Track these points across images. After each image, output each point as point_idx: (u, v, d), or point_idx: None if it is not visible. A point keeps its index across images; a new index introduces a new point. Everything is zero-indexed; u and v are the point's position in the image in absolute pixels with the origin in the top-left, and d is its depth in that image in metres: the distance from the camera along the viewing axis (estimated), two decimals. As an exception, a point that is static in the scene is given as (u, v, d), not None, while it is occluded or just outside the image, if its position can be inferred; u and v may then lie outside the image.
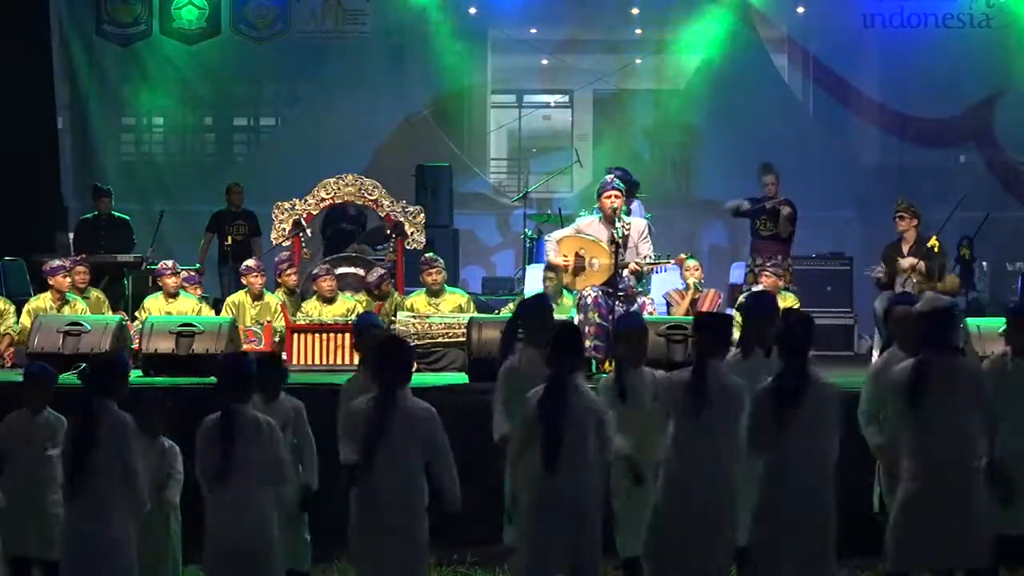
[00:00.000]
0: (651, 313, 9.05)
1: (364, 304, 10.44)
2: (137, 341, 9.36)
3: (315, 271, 10.63)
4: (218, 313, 10.66)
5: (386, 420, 5.83)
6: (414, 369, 6.22)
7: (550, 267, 9.70)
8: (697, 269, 10.50)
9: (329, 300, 10.39)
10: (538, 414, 5.98)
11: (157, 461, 6.58)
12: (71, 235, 13.14)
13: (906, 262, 10.49)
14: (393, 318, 10.22)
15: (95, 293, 10.91)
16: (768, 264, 10.52)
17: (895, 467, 6.17)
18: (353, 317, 10.02)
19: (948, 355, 5.98)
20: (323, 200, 10.97)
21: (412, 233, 10.87)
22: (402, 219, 10.89)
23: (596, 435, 6.01)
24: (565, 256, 9.16)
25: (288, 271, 10.82)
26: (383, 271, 10.83)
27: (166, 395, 6.88)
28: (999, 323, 8.96)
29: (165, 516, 6.63)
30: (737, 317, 9.69)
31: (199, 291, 11.16)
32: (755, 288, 10.45)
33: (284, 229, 10.90)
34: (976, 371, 6.17)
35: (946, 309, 6.09)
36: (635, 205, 11.53)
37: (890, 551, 6.01)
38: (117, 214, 12.83)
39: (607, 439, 6.07)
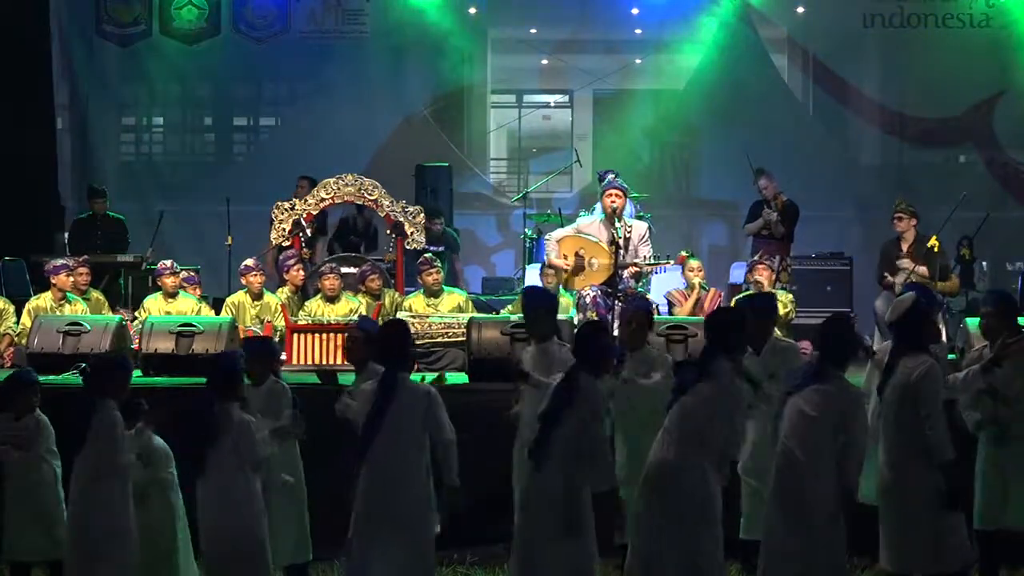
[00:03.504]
0: (650, 313, 9.02)
1: (366, 305, 10.45)
2: (137, 341, 9.36)
3: (320, 270, 10.64)
4: (218, 313, 10.67)
5: (390, 401, 5.86)
6: (415, 367, 6.27)
7: (550, 265, 9.72)
8: (700, 269, 10.51)
9: (332, 299, 10.40)
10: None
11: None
12: (66, 235, 13.15)
13: (904, 262, 10.50)
14: (391, 317, 10.23)
15: (95, 294, 10.91)
16: (764, 258, 10.53)
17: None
18: (355, 317, 10.05)
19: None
20: (323, 200, 10.97)
21: (412, 233, 10.87)
22: (402, 219, 10.89)
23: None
24: (565, 256, 9.17)
25: (295, 267, 10.83)
26: (367, 267, 10.85)
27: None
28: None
29: (167, 503, 6.63)
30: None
31: (198, 291, 11.16)
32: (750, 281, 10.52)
33: (284, 229, 10.90)
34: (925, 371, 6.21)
35: (912, 306, 6.23)
36: (628, 204, 11.50)
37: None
38: (112, 214, 12.82)
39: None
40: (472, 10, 15.22)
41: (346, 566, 6.11)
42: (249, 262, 10.84)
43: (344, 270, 10.95)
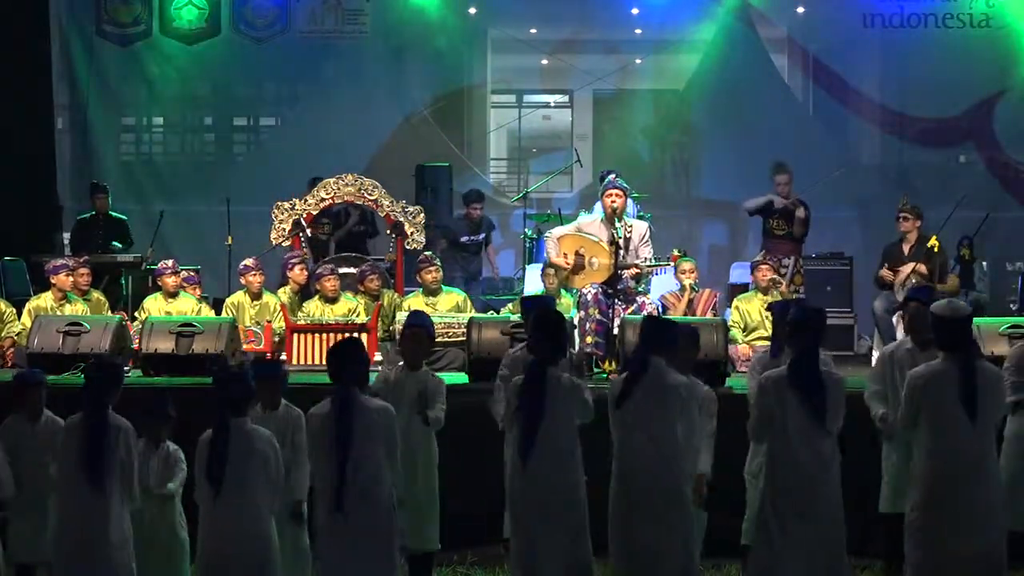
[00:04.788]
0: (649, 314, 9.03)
1: (364, 305, 10.45)
2: (137, 341, 9.36)
3: (318, 271, 10.65)
4: (218, 314, 10.67)
5: (350, 420, 5.85)
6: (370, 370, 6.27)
7: (550, 264, 9.73)
8: (692, 271, 10.50)
9: (332, 300, 10.40)
10: (518, 403, 6.07)
11: (160, 465, 6.60)
12: (66, 235, 13.15)
13: (906, 268, 10.52)
14: (391, 319, 10.24)
15: (96, 295, 10.91)
16: (768, 258, 10.53)
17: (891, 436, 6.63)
18: (354, 318, 10.07)
19: (974, 358, 6.09)
20: (323, 200, 10.99)
21: (412, 233, 10.88)
22: (402, 219, 10.90)
23: (577, 417, 6.11)
24: (565, 254, 9.17)
25: (298, 267, 10.83)
26: (366, 267, 10.85)
27: (168, 398, 6.83)
28: (999, 323, 9.01)
29: (171, 514, 6.64)
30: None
31: (198, 291, 11.17)
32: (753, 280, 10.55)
33: (284, 229, 10.92)
34: (998, 375, 6.25)
35: (969, 316, 6.19)
36: (629, 205, 11.51)
37: (912, 555, 6.10)
38: (114, 214, 12.84)
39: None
40: (472, 10, 15.22)
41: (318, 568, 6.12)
42: (248, 262, 10.84)
43: (343, 270, 10.96)
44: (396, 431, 6.01)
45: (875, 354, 10.65)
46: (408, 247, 10.99)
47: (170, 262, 10.82)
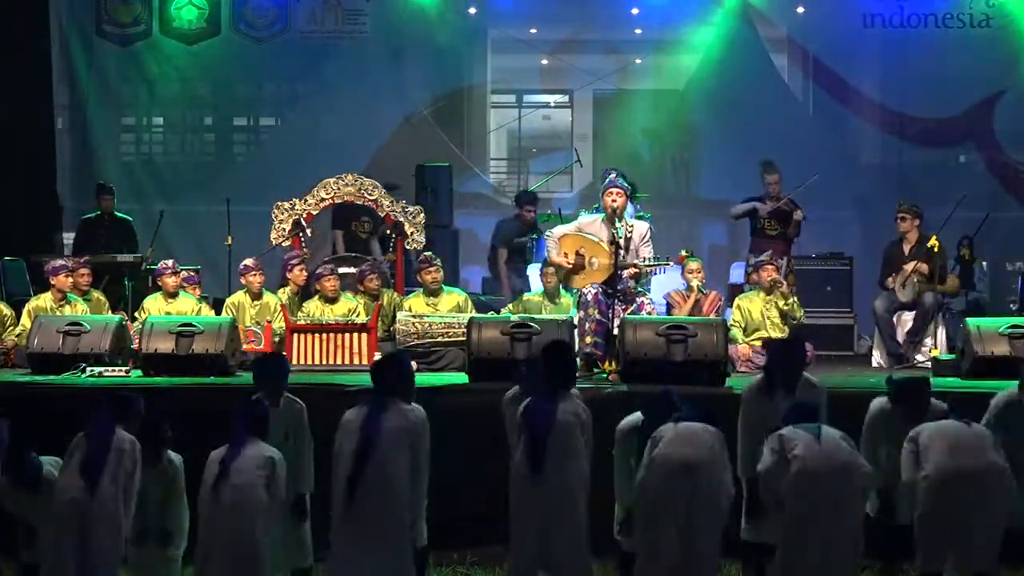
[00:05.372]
0: (650, 313, 9.03)
1: (364, 305, 10.45)
2: (137, 341, 9.36)
3: (318, 271, 10.65)
4: (218, 314, 10.67)
5: (378, 427, 5.89)
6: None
7: (549, 264, 9.73)
8: (700, 271, 10.50)
9: (332, 300, 10.40)
10: (523, 419, 6.11)
11: (161, 483, 6.59)
12: (67, 235, 13.15)
13: (908, 267, 10.53)
14: (392, 320, 10.24)
15: (96, 295, 10.92)
16: (773, 258, 10.53)
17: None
18: (354, 318, 10.06)
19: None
20: (323, 200, 11.00)
21: (412, 233, 10.89)
22: (402, 219, 10.90)
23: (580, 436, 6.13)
24: (566, 254, 9.16)
25: (298, 267, 10.83)
26: (366, 267, 10.85)
27: (165, 418, 6.80)
28: (999, 323, 9.00)
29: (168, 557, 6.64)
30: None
31: (198, 291, 11.17)
32: (753, 280, 10.54)
33: (284, 229, 10.92)
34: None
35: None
36: (629, 205, 11.50)
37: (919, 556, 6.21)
38: (119, 214, 12.86)
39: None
40: (472, 10, 15.21)
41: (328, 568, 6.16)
42: (248, 262, 10.84)
43: (343, 270, 10.96)
44: (426, 442, 6.10)
45: (875, 354, 10.70)
46: (408, 247, 10.99)
47: (170, 262, 10.82)
